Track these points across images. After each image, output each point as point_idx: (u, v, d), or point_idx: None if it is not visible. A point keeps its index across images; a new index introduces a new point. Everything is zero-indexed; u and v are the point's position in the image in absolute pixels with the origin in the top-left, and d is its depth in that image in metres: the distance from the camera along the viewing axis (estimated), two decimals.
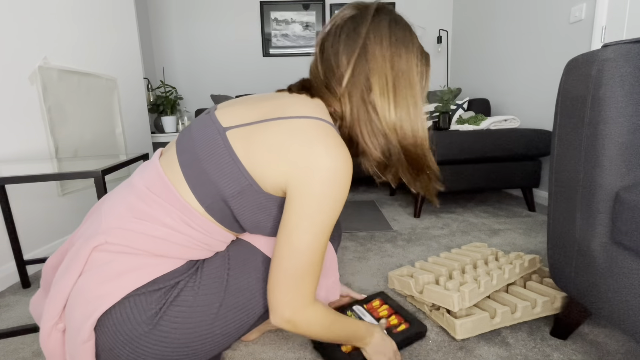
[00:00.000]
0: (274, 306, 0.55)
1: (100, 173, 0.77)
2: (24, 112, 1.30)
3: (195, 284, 0.55)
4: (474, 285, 0.85)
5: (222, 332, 0.57)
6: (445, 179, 1.78)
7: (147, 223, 0.53)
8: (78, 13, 1.64)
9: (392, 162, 0.61)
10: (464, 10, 2.97)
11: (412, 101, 0.59)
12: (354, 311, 0.88)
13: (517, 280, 0.98)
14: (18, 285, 1.19)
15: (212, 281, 0.57)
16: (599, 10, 1.64)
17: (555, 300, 0.87)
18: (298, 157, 0.51)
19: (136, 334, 0.51)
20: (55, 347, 0.54)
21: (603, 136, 0.62)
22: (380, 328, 0.73)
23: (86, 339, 0.50)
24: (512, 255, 1.06)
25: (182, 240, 0.54)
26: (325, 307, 0.61)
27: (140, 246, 0.52)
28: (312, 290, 0.56)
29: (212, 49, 3.12)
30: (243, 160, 0.53)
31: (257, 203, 0.56)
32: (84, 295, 0.50)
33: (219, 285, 0.57)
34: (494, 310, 0.84)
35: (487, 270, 0.96)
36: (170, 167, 0.56)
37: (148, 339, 0.52)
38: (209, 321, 0.55)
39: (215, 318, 0.55)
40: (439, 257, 1.14)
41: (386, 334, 0.73)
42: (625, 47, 0.60)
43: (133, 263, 0.52)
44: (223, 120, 0.56)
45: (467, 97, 2.98)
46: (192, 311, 0.54)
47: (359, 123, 0.59)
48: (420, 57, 0.61)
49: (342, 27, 0.59)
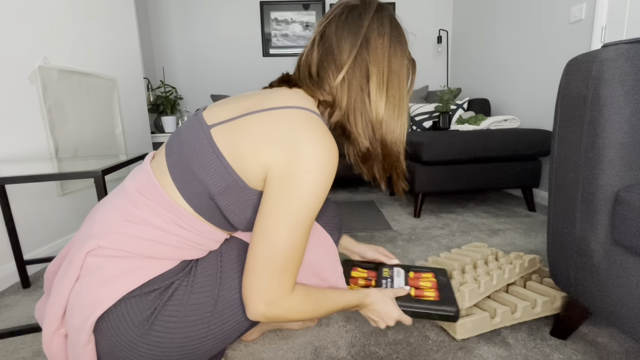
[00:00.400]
0: (248, 298, 0.53)
1: (100, 173, 0.77)
2: (24, 112, 1.30)
3: (189, 283, 0.55)
4: (474, 285, 0.85)
5: (219, 331, 0.56)
6: (446, 179, 1.78)
7: (138, 226, 0.53)
8: (78, 13, 1.64)
9: (373, 154, 0.62)
10: (464, 10, 2.97)
11: (398, 101, 0.60)
12: (392, 270, 0.84)
13: (517, 280, 0.98)
14: (18, 285, 1.19)
15: (205, 279, 0.56)
16: (599, 10, 1.64)
17: (555, 300, 0.87)
18: (280, 145, 0.50)
19: (133, 335, 0.51)
20: (58, 352, 0.54)
21: (603, 136, 0.62)
22: (379, 292, 0.71)
23: (86, 342, 0.50)
24: (512, 255, 1.06)
25: (173, 241, 0.54)
26: (306, 291, 0.59)
27: (132, 249, 0.53)
28: (288, 283, 0.54)
29: (212, 49, 3.12)
30: (227, 156, 0.53)
31: (244, 200, 0.55)
32: (82, 300, 0.51)
33: (212, 283, 0.56)
34: (494, 310, 0.84)
35: (487, 270, 0.96)
36: (160, 169, 0.56)
37: (145, 340, 0.52)
38: (206, 320, 0.54)
39: (211, 317, 0.55)
40: (439, 257, 1.14)
41: (389, 300, 0.71)
42: (625, 47, 0.60)
43: (126, 266, 0.52)
44: (208, 119, 0.56)
45: (467, 97, 2.97)
46: (187, 310, 0.53)
47: (355, 111, 0.59)
48: (409, 62, 0.63)
49: (347, 15, 0.59)
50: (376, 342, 0.83)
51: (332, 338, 0.85)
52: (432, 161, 1.71)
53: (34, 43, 1.36)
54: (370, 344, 0.82)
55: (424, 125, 2.59)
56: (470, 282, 0.88)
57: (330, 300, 0.63)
